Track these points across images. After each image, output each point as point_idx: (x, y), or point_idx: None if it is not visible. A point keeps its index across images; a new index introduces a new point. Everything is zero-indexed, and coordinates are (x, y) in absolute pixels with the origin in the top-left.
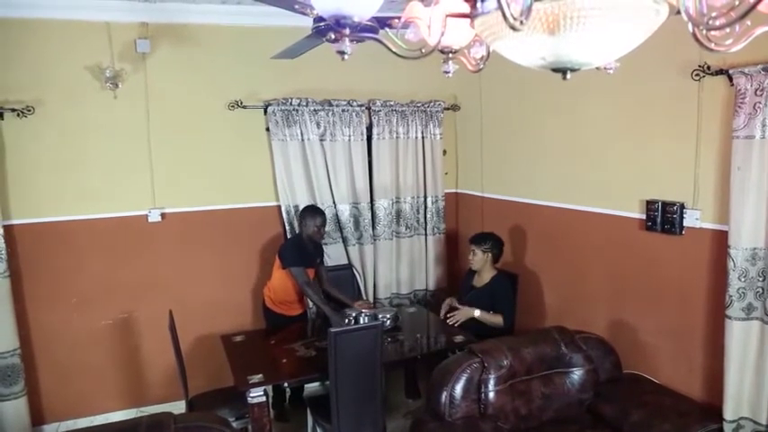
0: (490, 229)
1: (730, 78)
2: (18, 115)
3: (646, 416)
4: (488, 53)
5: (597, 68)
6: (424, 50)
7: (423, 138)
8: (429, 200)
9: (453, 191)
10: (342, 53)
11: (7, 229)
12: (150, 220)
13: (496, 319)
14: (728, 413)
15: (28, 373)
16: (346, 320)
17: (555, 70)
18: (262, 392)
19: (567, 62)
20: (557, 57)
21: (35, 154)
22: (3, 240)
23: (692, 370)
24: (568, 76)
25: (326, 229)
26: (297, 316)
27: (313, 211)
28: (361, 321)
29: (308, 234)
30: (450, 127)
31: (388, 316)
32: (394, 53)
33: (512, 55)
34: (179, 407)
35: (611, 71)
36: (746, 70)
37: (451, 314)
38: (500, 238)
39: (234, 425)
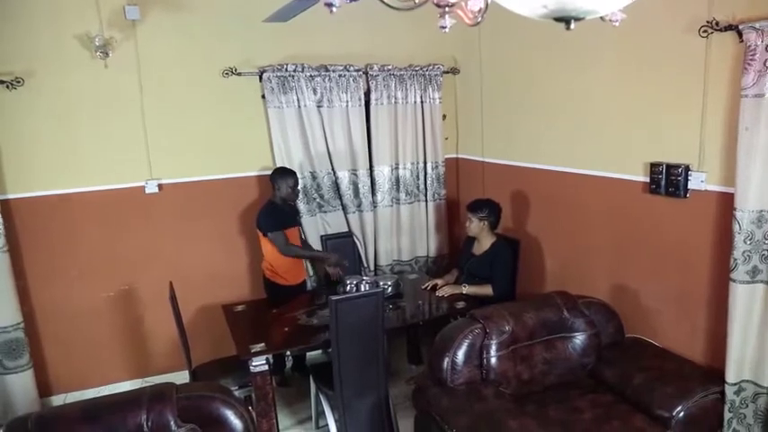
0: (491, 195)
1: (740, 34)
2: (7, 87)
3: (648, 379)
4: (486, 5)
5: (602, 19)
6: (417, 1)
7: (422, 102)
8: (429, 165)
9: (453, 156)
10: (329, 5)
11: (3, 203)
12: (147, 191)
13: (486, 291)
14: (731, 376)
15: (33, 346)
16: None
17: (558, 20)
18: (264, 361)
19: (572, 10)
20: (560, 4)
21: (27, 126)
22: None
23: (695, 334)
24: (572, 25)
25: (326, 196)
26: (298, 285)
27: (284, 172)
28: (363, 289)
29: (282, 196)
30: (450, 91)
31: (389, 283)
32: (387, 5)
33: (511, 4)
34: (183, 376)
35: (617, 23)
36: (757, 25)
37: (439, 288)
38: (498, 204)
39: (236, 393)
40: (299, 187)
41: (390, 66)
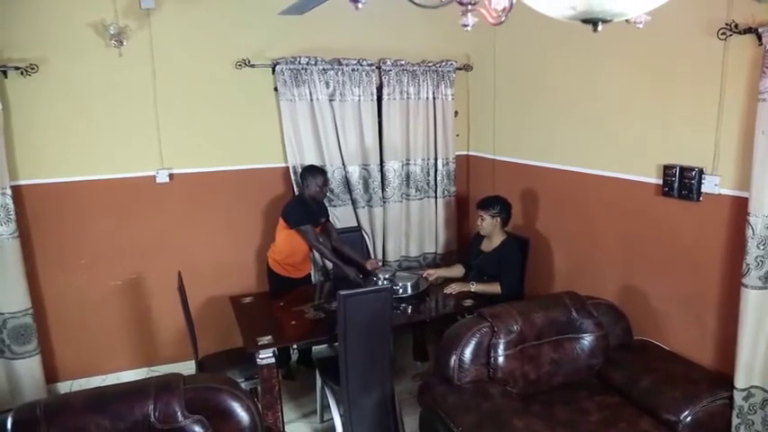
0: (501, 193)
1: (759, 37)
2: (22, 74)
3: (655, 382)
4: (511, 4)
5: (627, 21)
6: (444, 0)
7: (434, 98)
8: (440, 162)
9: (464, 153)
10: (356, 2)
11: (15, 189)
12: (158, 180)
13: (494, 289)
14: (740, 381)
15: (41, 332)
16: (378, 278)
17: (585, 21)
18: (271, 354)
19: (600, 12)
20: (589, 6)
21: (40, 113)
22: (11, 201)
23: (704, 337)
24: (599, 27)
25: (336, 191)
26: (302, 279)
27: (313, 170)
28: (381, 283)
29: (311, 194)
30: (463, 88)
31: (409, 284)
32: (414, 3)
33: (539, 5)
34: (189, 367)
35: (641, 25)
36: None
37: (448, 286)
38: (507, 200)
39: (243, 385)
40: (328, 186)
41: (403, 61)
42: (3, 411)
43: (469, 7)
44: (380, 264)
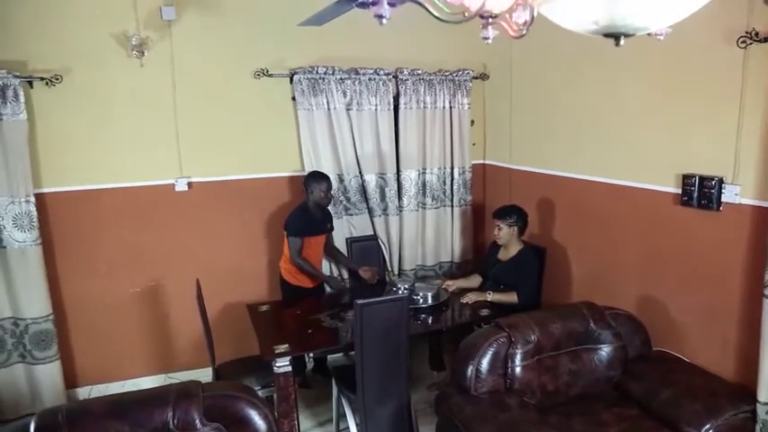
0: (517, 202)
1: None
2: (47, 84)
3: (675, 395)
4: (532, 18)
5: (648, 34)
6: (466, 14)
7: (450, 107)
8: (456, 171)
9: (481, 162)
10: (380, 17)
11: (38, 197)
12: (177, 189)
13: (510, 298)
14: (763, 395)
15: (61, 338)
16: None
17: (607, 35)
18: (287, 362)
19: (622, 26)
20: (611, 20)
21: (64, 122)
22: (35, 209)
23: (725, 350)
24: (622, 41)
25: (353, 199)
26: (313, 288)
27: (317, 176)
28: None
29: (315, 200)
30: (479, 97)
31: (430, 294)
32: (436, 17)
33: (560, 19)
34: (206, 373)
35: (662, 37)
36: None
37: (465, 295)
38: (524, 209)
39: (259, 393)
40: (333, 192)
41: (420, 70)
42: (24, 416)
43: (490, 20)
44: (374, 269)
